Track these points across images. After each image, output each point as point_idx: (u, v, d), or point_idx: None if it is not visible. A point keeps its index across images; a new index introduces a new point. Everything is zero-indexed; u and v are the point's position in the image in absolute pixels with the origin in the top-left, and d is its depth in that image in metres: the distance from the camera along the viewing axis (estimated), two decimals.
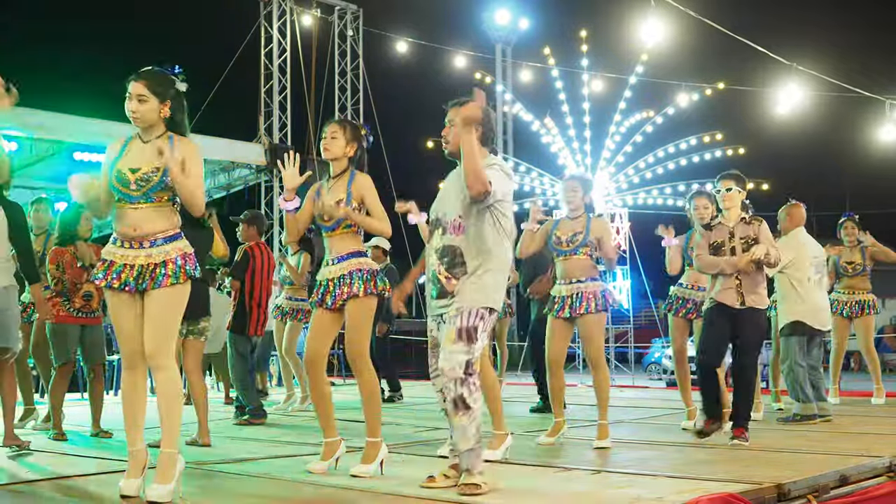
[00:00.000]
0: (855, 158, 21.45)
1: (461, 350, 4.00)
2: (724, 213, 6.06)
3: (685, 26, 14.06)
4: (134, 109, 4.00)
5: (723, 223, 6.05)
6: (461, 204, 4.12)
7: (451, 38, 19.99)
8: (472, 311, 4.05)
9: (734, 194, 6.01)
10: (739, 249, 5.87)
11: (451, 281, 4.11)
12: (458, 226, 4.13)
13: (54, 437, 6.17)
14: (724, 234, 5.98)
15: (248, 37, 17.10)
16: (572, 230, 5.93)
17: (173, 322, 4.00)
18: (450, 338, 4.03)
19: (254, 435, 6.62)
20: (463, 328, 4.03)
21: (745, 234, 5.92)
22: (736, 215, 6.01)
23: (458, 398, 3.98)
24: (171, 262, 3.95)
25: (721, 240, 5.98)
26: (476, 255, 4.11)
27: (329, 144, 4.79)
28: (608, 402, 5.91)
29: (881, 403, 8.80)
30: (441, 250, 4.16)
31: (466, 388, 3.99)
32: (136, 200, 3.96)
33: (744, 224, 5.97)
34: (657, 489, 4.09)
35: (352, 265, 4.67)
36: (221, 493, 4.17)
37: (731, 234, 5.95)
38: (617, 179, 18.67)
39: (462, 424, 3.99)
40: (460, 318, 4.04)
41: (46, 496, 4.14)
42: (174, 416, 3.94)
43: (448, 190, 4.27)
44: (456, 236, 4.14)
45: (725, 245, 5.95)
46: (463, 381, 3.99)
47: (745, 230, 5.94)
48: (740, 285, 5.84)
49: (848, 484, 4.50)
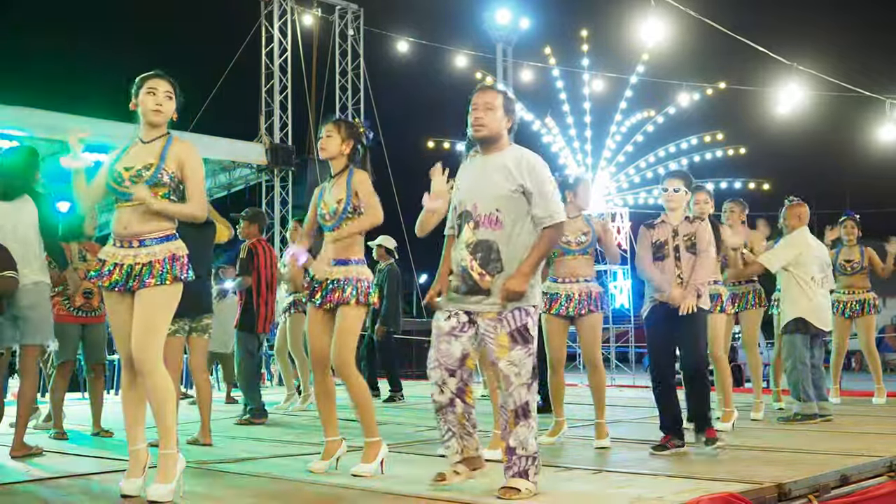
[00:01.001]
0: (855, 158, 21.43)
1: (525, 354, 3.92)
2: (668, 213, 5.78)
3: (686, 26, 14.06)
4: (162, 104, 4.05)
5: (665, 221, 5.77)
6: (498, 197, 4.01)
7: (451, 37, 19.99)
8: (518, 311, 3.95)
9: (681, 195, 5.76)
10: (683, 247, 5.63)
11: (486, 277, 3.98)
12: (495, 220, 4.00)
13: (55, 436, 6.18)
14: (668, 233, 5.72)
15: (248, 36, 17.12)
16: (578, 230, 5.93)
17: (160, 323, 3.98)
18: (503, 344, 3.92)
19: (255, 434, 6.62)
20: (515, 330, 3.92)
21: (688, 232, 5.68)
22: (680, 216, 5.76)
23: (523, 406, 3.89)
24: (157, 263, 3.95)
25: (664, 238, 5.72)
26: (515, 251, 4.00)
27: (325, 143, 4.79)
28: (605, 402, 5.91)
29: (882, 403, 8.80)
30: (474, 245, 4.02)
31: (532, 395, 3.92)
32: (129, 198, 3.98)
33: (686, 223, 5.73)
34: (658, 489, 4.09)
35: (349, 272, 4.64)
36: (222, 493, 4.17)
37: (675, 231, 5.70)
38: (618, 179, 18.68)
39: (522, 433, 3.90)
40: (507, 322, 3.93)
41: (47, 495, 4.14)
42: (168, 417, 3.93)
43: (476, 181, 4.13)
44: (492, 230, 4.01)
45: (668, 244, 5.69)
46: (530, 386, 3.91)
47: (688, 228, 5.70)
48: (682, 283, 5.57)
49: (849, 483, 4.50)
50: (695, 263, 5.59)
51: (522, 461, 3.92)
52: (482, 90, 4.20)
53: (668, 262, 5.64)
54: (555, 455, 5.44)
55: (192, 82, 4.24)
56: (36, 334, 5.44)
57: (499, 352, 3.93)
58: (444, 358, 4.05)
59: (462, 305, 4.07)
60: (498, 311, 3.96)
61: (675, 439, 5.44)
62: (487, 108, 4.12)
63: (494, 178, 4.05)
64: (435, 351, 4.08)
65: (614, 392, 11.05)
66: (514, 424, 3.91)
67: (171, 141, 4.07)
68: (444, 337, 4.07)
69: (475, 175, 4.17)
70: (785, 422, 7.07)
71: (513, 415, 3.91)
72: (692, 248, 5.64)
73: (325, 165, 4.93)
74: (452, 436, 4.12)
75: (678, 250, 5.65)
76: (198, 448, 5.72)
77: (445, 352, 4.05)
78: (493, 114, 4.11)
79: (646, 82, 18.13)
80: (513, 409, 3.91)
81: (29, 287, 5.39)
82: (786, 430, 6.70)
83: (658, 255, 5.69)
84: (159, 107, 4.04)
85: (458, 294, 4.07)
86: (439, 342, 4.08)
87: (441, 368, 4.05)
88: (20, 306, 5.35)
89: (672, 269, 5.62)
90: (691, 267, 5.59)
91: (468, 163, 4.31)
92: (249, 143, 16.45)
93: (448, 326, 4.07)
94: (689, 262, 5.62)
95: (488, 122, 4.11)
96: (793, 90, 15.75)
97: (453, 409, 4.08)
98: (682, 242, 5.65)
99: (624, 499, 3.87)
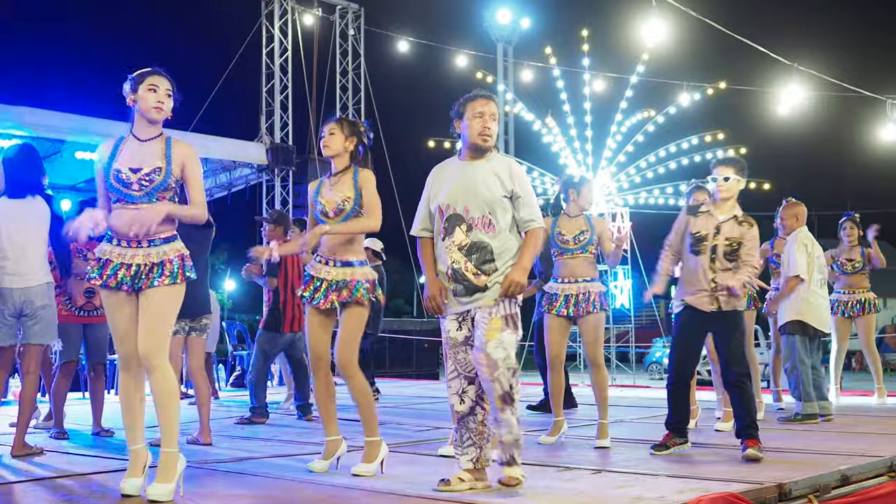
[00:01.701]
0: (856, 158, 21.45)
1: (514, 339, 4.01)
2: (716, 205, 5.41)
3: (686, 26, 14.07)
4: (163, 101, 4.03)
5: (712, 213, 5.39)
6: (492, 202, 4.10)
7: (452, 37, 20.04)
8: (510, 300, 4.07)
9: (733, 184, 5.35)
10: (721, 251, 5.26)
11: (481, 277, 4.08)
12: (489, 223, 4.10)
13: (56, 435, 6.17)
14: (710, 227, 5.32)
15: (249, 36, 17.10)
16: (578, 229, 5.92)
17: (168, 322, 3.99)
18: (495, 326, 4.00)
19: (255, 434, 6.62)
20: (508, 315, 4.04)
21: (733, 236, 5.28)
22: (728, 210, 5.38)
23: (507, 392, 3.95)
24: (168, 263, 3.95)
25: (705, 232, 5.32)
26: (507, 251, 4.12)
27: (328, 141, 4.80)
28: (608, 402, 5.91)
29: (882, 403, 8.80)
30: (468, 247, 4.10)
31: (516, 380, 3.99)
32: (137, 200, 3.96)
33: (734, 223, 5.34)
34: (658, 489, 4.09)
35: (356, 273, 4.67)
36: (222, 492, 4.17)
37: (718, 229, 5.31)
38: (618, 179, 18.67)
39: (507, 418, 3.96)
40: (503, 307, 4.04)
41: (48, 495, 4.13)
42: (171, 416, 3.93)
43: (465, 185, 4.17)
44: (486, 233, 4.10)
45: (708, 240, 5.29)
46: (515, 371, 3.98)
47: (733, 230, 5.30)
48: (715, 289, 5.24)
49: (849, 484, 4.51)
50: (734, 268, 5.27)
51: (510, 449, 3.97)
52: (487, 100, 4.25)
53: (702, 259, 5.33)
54: (555, 455, 5.44)
55: (193, 82, 4.26)
56: (44, 334, 5.44)
57: (490, 333, 3.99)
58: (461, 367, 4.14)
59: (461, 308, 4.13)
60: (494, 297, 4.06)
61: (677, 437, 5.42)
62: (493, 118, 4.22)
63: (488, 183, 4.13)
64: (452, 362, 4.17)
65: (615, 392, 11.02)
66: (502, 410, 3.96)
67: (170, 142, 4.06)
68: (459, 347, 4.15)
69: (461, 179, 4.21)
70: (785, 422, 7.07)
71: (499, 400, 3.96)
72: (731, 254, 5.28)
73: (326, 165, 4.94)
74: (472, 444, 4.15)
75: (715, 251, 5.30)
76: (198, 447, 5.72)
77: (463, 361, 4.14)
78: (496, 124, 4.22)
79: (646, 82, 18.12)
80: (500, 395, 3.96)
81: (42, 287, 5.39)
82: (786, 430, 6.70)
83: (694, 249, 5.37)
84: (160, 104, 4.03)
85: (456, 297, 4.13)
86: (455, 353, 4.16)
87: (460, 378, 4.14)
88: (34, 306, 5.35)
89: (705, 268, 5.31)
90: (727, 273, 5.24)
91: (445, 167, 4.34)
92: (250, 142, 16.43)
93: (462, 337, 4.15)
94: (724, 268, 5.27)
95: (494, 133, 4.21)
96: (793, 90, 15.75)
97: (474, 416, 4.15)
98: (723, 245, 5.29)
99: (625, 498, 3.88)
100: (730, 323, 5.33)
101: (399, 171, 17.77)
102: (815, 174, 28.35)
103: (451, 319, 4.18)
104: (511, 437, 3.97)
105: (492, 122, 4.19)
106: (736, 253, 5.30)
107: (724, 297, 5.25)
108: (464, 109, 4.23)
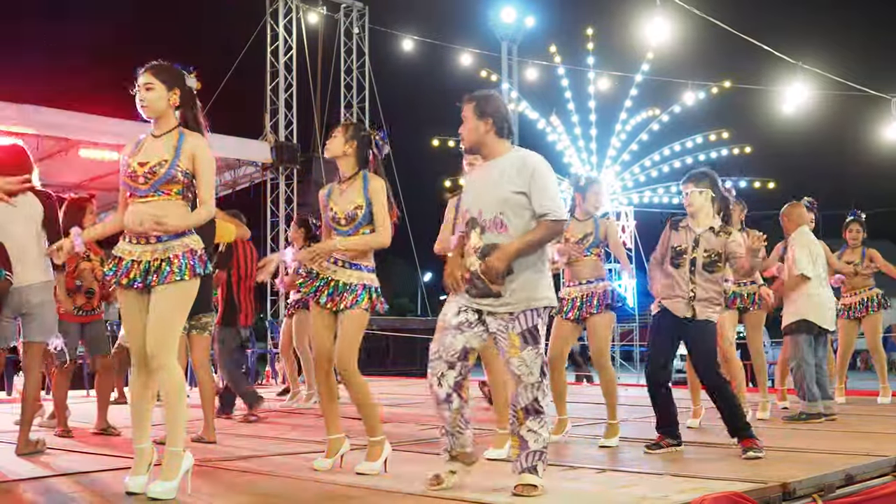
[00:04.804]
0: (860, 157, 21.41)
1: (536, 354, 3.95)
2: (690, 218, 5.51)
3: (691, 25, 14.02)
4: (142, 97, 4.03)
5: (690, 227, 5.50)
6: (502, 201, 4.02)
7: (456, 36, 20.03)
8: (528, 313, 3.97)
9: (695, 197, 5.47)
10: (700, 263, 5.37)
11: (495, 284, 3.98)
12: (500, 223, 4.02)
13: (59, 433, 6.18)
14: (689, 241, 5.45)
15: (254, 34, 17.10)
16: (582, 231, 5.92)
17: (177, 320, 4.00)
18: (514, 344, 3.95)
19: (258, 432, 6.63)
20: (526, 331, 3.95)
21: (711, 248, 5.39)
22: (703, 223, 5.48)
23: (532, 403, 3.93)
24: (176, 259, 3.94)
25: (685, 246, 5.45)
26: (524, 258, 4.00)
27: (328, 143, 4.82)
28: (616, 403, 5.90)
29: (887, 402, 8.77)
30: (482, 249, 4.01)
31: (542, 392, 3.96)
32: (144, 193, 3.97)
33: (711, 234, 5.43)
34: (662, 488, 4.09)
35: (363, 278, 4.67)
36: (226, 491, 4.17)
37: (696, 242, 5.42)
38: (623, 178, 18.66)
39: (533, 428, 3.94)
40: (519, 323, 3.96)
41: (52, 493, 4.14)
42: (177, 415, 3.93)
43: (480, 186, 4.14)
44: (498, 234, 4.01)
45: (687, 254, 5.42)
46: (539, 385, 3.95)
47: (711, 242, 5.41)
48: (693, 298, 5.38)
49: (853, 483, 4.50)
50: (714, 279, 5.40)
51: (532, 456, 3.93)
52: (464, 104, 4.23)
53: (682, 271, 5.45)
54: (559, 454, 5.43)
55: (197, 80, 4.22)
56: (43, 332, 5.45)
57: (511, 351, 3.97)
58: (444, 350, 4.05)
59: (472, 304, 4.06)
60: (510, 310, 3.97)
61: (669, 438, 5.44)
62: (463, 121, 4.20)
63: (497, 182, 4.06)
64: (437, 343, 4.08)
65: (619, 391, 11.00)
66: (524, 420, 3.94)
67: (183, 136, 4.05)
68: (449, 330, 4.06)
69: (478, 181, 4.21)
70: (790, 421, 7.06)
71: (523, 412, 3.95)
72: (710, 265, 5.39)
73: (331, 164, 4.94)
74: (445, 433, 4.13)
75: (694, 264, 5.41)
76: (202, 445, 5.72)
77: (448, 345, 4.04)
78: (467, 125, 4.18)
79: (651, 81, 18.12)
80: (523, 407, 3.95)
81: (39, 285, 5.39)
82: (791, 429, 6.69)
83: (674, 263, 5.50)
84: (142, 102, 4.04)
85: (471, 296, 4.07)
86: (444, 335, 4.07)
87: (441, 361, 4.04)
88: (31, 304, 5.35)
89: (685, 281, 5.42)
90: (707, 283, 5.37)
91: (472, 169, 4.34)
92: (254, 140, 16.43)
93: (456, 321, 4.06)
94: (703, 280, 5.38)
95: (466, 135, 4.20)
96: (798, 89, 15.69)
97: (450, 404, 4.05)
98: (701, 258, 5.39)
99: (629, 498, 3.88)
100: (700, 332, 5.42)
101: (403, 169, 17.78)
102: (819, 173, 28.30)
103: (454, 303, 4.11)
104: (536, 446, 3.95)
105: (463, 126, 4.19)
106: (716, 264, 5.42)
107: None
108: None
